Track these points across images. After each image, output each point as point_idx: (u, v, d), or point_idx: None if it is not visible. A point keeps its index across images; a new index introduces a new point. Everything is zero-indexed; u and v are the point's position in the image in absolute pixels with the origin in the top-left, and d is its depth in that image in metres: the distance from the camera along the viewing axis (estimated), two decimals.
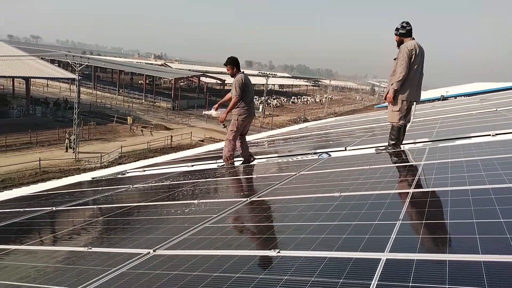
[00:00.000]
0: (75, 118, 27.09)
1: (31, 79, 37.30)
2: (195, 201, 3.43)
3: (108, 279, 1.84)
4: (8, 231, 3.40)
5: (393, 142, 4.91)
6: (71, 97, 38.01)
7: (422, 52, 4.85)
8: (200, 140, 33.44)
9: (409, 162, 3.99)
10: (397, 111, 4.91)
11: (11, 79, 38.56)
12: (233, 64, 5.61)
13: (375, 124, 10.32)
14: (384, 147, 5.00)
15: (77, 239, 2.78)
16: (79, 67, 28.86)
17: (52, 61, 46.05)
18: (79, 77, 28.98)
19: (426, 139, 5.52)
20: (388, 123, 5.32)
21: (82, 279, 1.89)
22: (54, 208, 4.04)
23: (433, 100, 24.91)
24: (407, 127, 5.27)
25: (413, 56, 4.74)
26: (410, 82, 4.84)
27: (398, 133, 4.93)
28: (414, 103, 5.33)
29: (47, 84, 50.69)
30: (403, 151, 4.71)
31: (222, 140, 14.51)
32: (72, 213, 3.84)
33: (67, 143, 27.81)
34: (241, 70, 5.74)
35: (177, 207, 3.31)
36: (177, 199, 3.77)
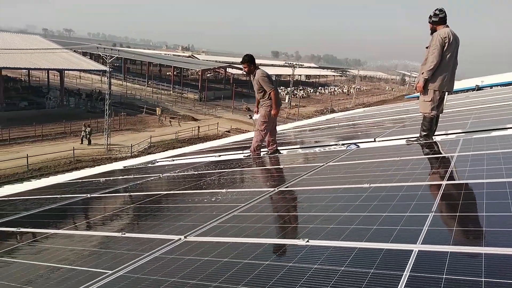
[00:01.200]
0: (106, 109, 27.89)
1: (65, 71, 38.60)
2: (223, 190, 3.48)
3: (142, 263, 1.91)
4: (46, 216, 3.57)
5: (425, 133, 4.78)
6: (103, 88, 39.16)
7: (456, 40, 4.67)
8: (226, 131, 33.71)
9: (441, 153, 3.87)
10: (429, 101, 4.76)
11: (46, 71, 40.07)
12: (250, 61, 5.71)
13: (405, 115, 10.06)
14: (415, 138, 4.87)
15: (111, 225, 2.89)
16: (109, 59, 29.59)
17: (84, 54, 47.45)
18: (110, 69, 29.74)
19: (460, 130, 5.33)
20: (420, 114, 5.18)
21: (118, 262, 1.97)
22: (88, 195, 4.21)
23: (467, 90, 23.94)
24: (440, 118, 5.11)
25: (446, 44, 4.57)
26: (443, 71, 4.68)
27: (430, 124, 4.79)
28: (447, 93, 5.15)
29: (80, 76, 52.38)
30: (435, 142, 4.57)
31: (248, 131, 14.57)
32: (106, 200, 3.99)
33: (83, 135, 27.79)
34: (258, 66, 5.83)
35: (206, 195, 3.37)
36: (205, 188, 3.84)
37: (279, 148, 6.15)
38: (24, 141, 26.22)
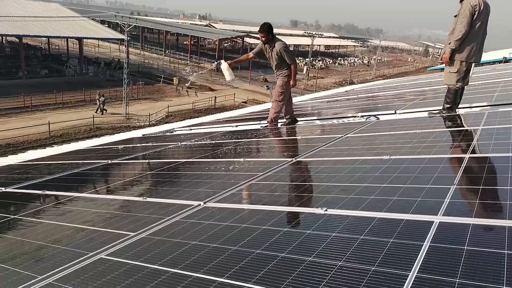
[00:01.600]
0: (124, 78, 28.04)
1: (84, 39, 38.69)
2: (241, 159, 3.49)
3: (163, 226, 1.96)
4: (70, 180, 3.68)
5: (448, 105, 4.64)
6: (121, 57, 39.19)
7: (487, 9, 4.42)
8: (243, 102, 33.59)
9: (465, 126, 3.77)
10: (455, 72, 4.59)
11: (66, 39, 40.24)
12: (268, 31, 5.55)
13: (428, 87, 9.77)
14: (438, 111, 4.74)
15: (132, 190, 2.96)
16: (127, 27, 29.44)
17: (102, 22, 47.30)
18: (128, 37, 29.64)
19: (485, 103, 5.16)
20: (443, 86, 5.01)
21: (140, 225, 2.03)
22: (109, 161, 4.30)
23: (494, 62, 22.96)
24: (464, 91, 4.93)
25: (476, 12, 4.33)
26: (471, 42, 4.47)
27: (454, 96, 4.64)
28: (473, 64, 4.95)
29: (98, 44, 52.45)
30: (458, 115, 4.45)
31: (265, 102, 14.46)
32: (126, 166, 4.08)
33: (98, 104, 27.50)
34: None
35: (224, 164, 3.40)
36: (223, 157, 3.87)
37: (297, 119, 6.11)
38: (45, 108, 26.81)
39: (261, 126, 6.28)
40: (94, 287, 1.44)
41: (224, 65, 5.78)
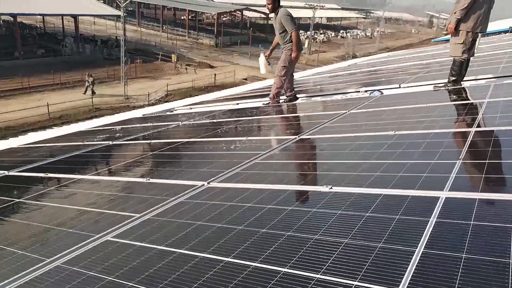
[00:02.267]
0: (122, 56, 27.65)
1: (79, 17, 37.96)
2: (243, 138, 3.47)
3: (168, 207, 1.96)
4: (72, 162, 3.68)
5: (453, 78, 4.56)
6: (118, 34, 38.52)
7: None
8: (243, 79, 33.24)
9: (470, 99, 3.72)
10: (461, 43, 4.49)
11: (61, 17, 39.46)
12: None
13: (432, 60, 9.61)
14: (443, 84, 4.67)
15: (135, 171, 2.96)
16: (123, 3, 28.76)
17: None
18: (124, 14, 29.01)
19: (491, 75, 5.07)
20: (448, 59, 4.92)
21: (145, 206, 2.03)
22: (111, 142, 4.29)
23: (500, 32, 22.50)
24: (470, 62, 4.84)
25: None
26: (476, 10, 4.35)
27: (460, 68, 4.56)
28: (480, 35, 4.83)
29: (94, 22, 51.50)
30: (464, 88, 4.38)
31: (266, 79, 14.29)
32: (128, 147, 4.07)
33: (87, 85, 26.11)
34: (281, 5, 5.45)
35: (226, 143, 3.38)
36: (225, 136, 3.85)
37: (298, 96, 6.03)
38: (44, 89, 26.60)
39: (263, 104, 6.22)
40: (102, 268, 1.45)
41: (261, 59, 5.86)
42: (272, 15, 5.54)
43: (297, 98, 5.89)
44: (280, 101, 5.92)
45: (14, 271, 1.59)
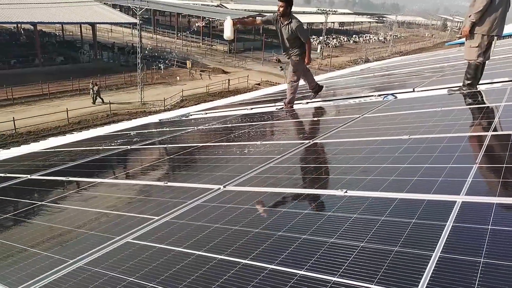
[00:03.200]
0: (138, 63, 28.12)
1: (97, 25, 38.79)
2: (258, 143, 3.51)
3: (185, 210, 2.01)
4: (91, 166, 3.78)
5: (469, 82, 4.52)
6: (134, 41, 39.21)
7: None
8: (256, 84, 33.37)
9: (486, 103, 3.67)
10: (476, 47, 4.45)
11: (79, 25, 40.42)
12: (289, 2, 5.28)
13: (447, 63, 9.50)
14: (458, 88, 4.63)
15: (153, 175, 3.02)
16: (139, 11, 29.30)
17: (113, 6, 47.18)
18: (140, 21, 29.54)
19: (507, 79, 4.99)
20: (463, 62, 4.87)
21: (163, 209, 2.08)
22: (129, 147, 4.38)
23: None
24: (485, 66, 4.78)
25: None
26: (492, 14, 4.30)
27: (475, 72, 4.51)
28: (496, 38, 4.77)
29: (111, 29, 52.54)
30: (479, 91, 4.33)
31: (279, 83, 14.31)
32: (146, 151, 4.15)
33: (91, 94, 25.92)
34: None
35: (241, 147, 3.42)
36: (240, 140, 3.89)
37: (308, 100, 6.07)
38: (63, 96, 27.23)
39: (276, 108, 6.25)
40: (123, 269, 1.50)
41: (227, 21, 5.55)
42: (274, 14, 5.48)
43: (322, 87, 5.94)
44: (295, 106, 5.95)
45: (39, 271, 1.65)
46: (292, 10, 5.40)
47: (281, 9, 5.24)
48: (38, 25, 33.76)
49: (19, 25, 39.17)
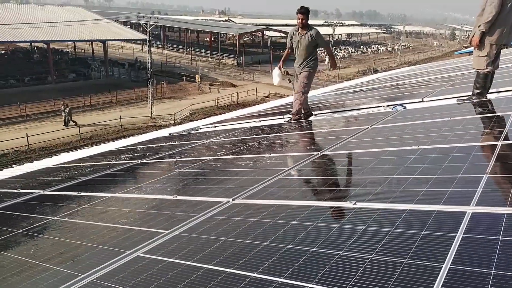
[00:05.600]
0: (148, 78, 28.56)
1: (108, 42, 39.63)
2: (266, 155, 3.52)
3: (195, 223, 2.02)
4: (103, 181, 3.83)
5: (478, 91, 4.49)
6: (144, 57, 39.89)
7: None
8: (265, 96, 33.54)
9: (497, 112, 3.64)
10: (485, 56, 4.43)
11: (91, 42, 41.35)
12: (308, 13, 5.49)
13: (456, 73, 9.46)
14: (467, 97, 4.60)
15: (163, 189, 3.05)
16: (149, 27, 29.89)
17: (124, 23, 48.32)
18: (150, 37, 30.11)
19: None
20: (472, 71, 4.85)
21: (173, 222, 2.10)
22: (139, 161, 4.43)
23: None
24: (494, 75, 4.75)
25: None
26: (502, 23, 4.30)
27: (484, 81, 4.48)
28: (505, 47, 4.75)
29: (122, 46, 53.63)
30: (489, 100, 4.30)
31: (287, 96, 14.37)
32: (156, 165, 4.19)
33: (64, 117, 24.18)
34: None
35: (250, 160, 3.43)
36: (249, 153, 3.91)
37: (319, 112, 6.08)
38: (75, 111, 27.70)
39: (284, 120, 6.28)
40: (134, 284, 1.51)
41: (275, 71, 6.05)
42: (290, 30, 5.73)
43: (312, 115, 5.98)
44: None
45: (51, 286, 1.67)
46: None
47: (303, 21, 5.48)
48: (51, 43, 34.59)
49: (33, 43, 40.22)
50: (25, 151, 20.11)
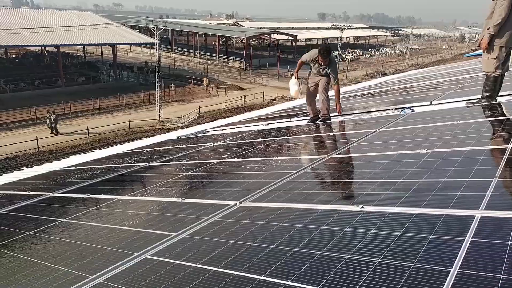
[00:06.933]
0: (157, 81, 28.76)
1: (117, 45, 40.02)
2: (274, 158, 3.52)
3: (203, 226, 2.03)
4: (111, 183, 3.86)
5: (487, 94, 4.45)
6: (152, 61, 40.18)
7: None
8: (272, 99, 33.55)
9: (507, 115, 3.60)
10: (494, 58, 4.40)
11: (100, 46, 41.81)
12: (329, 54, 5.62)
13: (465, 75, 9.37)
14: (476, 100, 4.56)
15: (171, 191, 3.07)
16: (158, 31, 30.14)
17: (133, 27, 48.69)
18: (158, 41, 30.35)
19: None
20: (481, 74, 4.81)
21: (180, 225, 2.11)
22: (147, 164, 4.46)
23: None
24: (504, 77, 4.71)
25: None
26: (511, 26, 4.26)
27: (493, 84, 4.44)
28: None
29: (130, 49, 54.10)
30: (499, 104, 4.25)
31: (295, 99, 14.34)
32: (163, 168, 4.22)
33: (48, 123, 23.35)
34: None
35: (257, 163, 3.44)
36: (256, 156, 3.91)
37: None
38: (84, 115, 28.00)
39: (307, 122, 6.24)
40: (142, 285, 1.52)
41: (292, 81, 6.21)
42: (312, 53, 5.87)
43: (319, 118, 6.04)
44: (307, 121, 6.00)
45: (60, 287, 1.69)
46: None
47: (325, 63, 5.66)
48: (61, 47, 35.05)
49: (43, 47, 40.79)
50: (35, 154, 20.34)
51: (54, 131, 23.42)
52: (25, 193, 4.04)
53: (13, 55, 42.42)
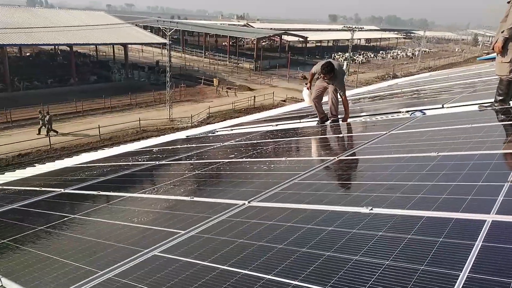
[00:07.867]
0: (167, 81, 28.97)
1: (128, 45, 40.39)
2: (283, 159, 3.53)
3: (211, 225, 2.05)
4: (121, 181, 3.90)
5: (500, 98, 4.39)
6: (163, 61, 40.48)
7: None
8: (282, 100, 33.53)
9: None
10: (508, 62, 4.34)
11: (112, 46, 42.25)
12: (332, 71, 5.56)
13: (477, 79, 9.25)
14: (489, 104, 4.50)
15: (180, 190, 3.09)
16: (169, 32, 30.35)
17: (145, 27, 49.09)
18: (169, 41, 30.56)
19: None
20: (494, 77, 4.75)
21: (189, 223, 2.13)
22: (157, 162, 4.50)
23: None
24: None
25: None
26: None
27: (507, 88, 4.38)
28: None
29: (142, 49, 54.56)
30: None
31: (304, 100, 14.34)
32: (173, 166, 4.25)
33: (41, 124, 22.68)
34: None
35: (266, 163, 3.44)
36: (265, 156, 3.92)
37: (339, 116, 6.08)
38: (95, 113, 28.31)
39: (317, 124, 6.24)
40: (150, 282, 1.54)
41: (305, 92, 6.26)
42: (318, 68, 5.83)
43: (327, 120, 6.01)
44: (315, 122, 5.98)
45: (71, 281, 1.72)
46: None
47: (327, 78, 5.64)
48: (74, 46, 35.51)
49: (56, 46, 41.37)
50: (47, 151, 20.63)
51: (51, 132, 22.80)
52: (37, 189, 4.10)
53: (27, 54, 43.12)
